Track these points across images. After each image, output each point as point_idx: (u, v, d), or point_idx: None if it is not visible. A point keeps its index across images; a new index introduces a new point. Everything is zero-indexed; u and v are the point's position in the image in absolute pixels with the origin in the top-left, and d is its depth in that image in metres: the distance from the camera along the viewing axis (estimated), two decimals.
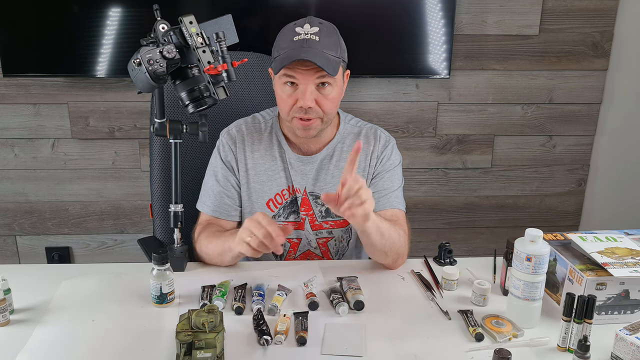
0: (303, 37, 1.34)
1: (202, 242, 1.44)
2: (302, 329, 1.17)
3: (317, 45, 1.34)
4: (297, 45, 1.34)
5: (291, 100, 1.38)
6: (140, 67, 1.23)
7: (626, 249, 1.27)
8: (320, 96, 1.37)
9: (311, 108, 1.36)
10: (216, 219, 1.50)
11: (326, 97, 1.38)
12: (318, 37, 1.35)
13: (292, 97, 1.38)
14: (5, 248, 2.49)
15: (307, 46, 1.33)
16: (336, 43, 1.39)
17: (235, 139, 1.50)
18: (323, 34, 1.36)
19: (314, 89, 1.36)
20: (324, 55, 1.34)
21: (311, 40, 1.34)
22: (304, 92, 1.35)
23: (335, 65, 1.36)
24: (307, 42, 1.34)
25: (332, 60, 1.35)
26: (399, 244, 1.38)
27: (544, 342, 1.15)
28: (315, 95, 1.36)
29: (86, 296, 1.30)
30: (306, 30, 1.36)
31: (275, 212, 1.52)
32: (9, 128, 2.31)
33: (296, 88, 1.37)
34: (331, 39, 1.38)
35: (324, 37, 1.35)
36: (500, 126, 2.44)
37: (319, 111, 1.38)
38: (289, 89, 1.38)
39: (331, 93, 1.38)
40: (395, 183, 1.50)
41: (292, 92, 1.37)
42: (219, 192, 1.50)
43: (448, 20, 2.20)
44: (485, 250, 2.37)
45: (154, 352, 1.12)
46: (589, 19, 2.30)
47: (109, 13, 2.10)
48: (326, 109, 1.38)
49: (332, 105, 1.40)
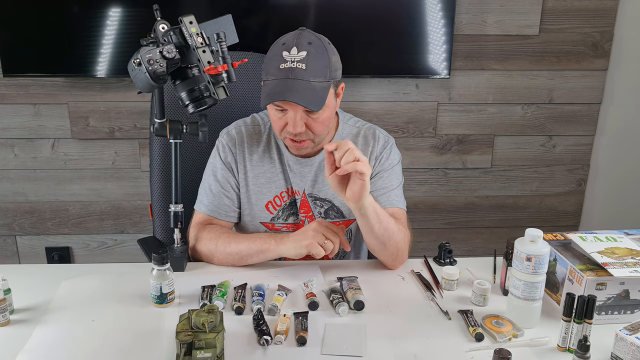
0: (289, 65, 1.31)
1: (220, 243, 1.42)
2: (302, 329, 1.17)
3: (303, 74, 1.30)
4: (283, 76, 1.31)
5: (282, 123, 1.38)
6: (140, 67, 1.23)
7: (626, 249, 1.27)
8: (309, 120, 1.36)
9: (301, 133, 1.36)
10: (213, 219, 1.50)
11: (316, 120, 1.37)
12: (305, 65, 1.31)
13: (282, 120, 1.38)
14: (5, 248, 2.49)
15: (292, 77, 1.30)
16: (325, 65, 1.34)
17: (235, 140, 1.50)
18: (311, 58, 1.32)
19: (302, 114, 1.35)
20: (310, 87, 1.31)
21: (297, 69, 1.30)
22: (293, 120, 1.35)
23: (321, 95, 1.33)
24: (293, 72, 1.31)
25: (319, 89, 1.33)
26: (398, 237, 1.37)
27: (544, 342, 1.15)
28: (305, 119, 1.36)
29: (86, 296, 1.30)
30: (293, 56, 1.31)
31: (275, 214, 1.52)
32: (9, 128, 2.31)
33: (286, 112, 1.36)
34: (319, 62, 1.33)
35: (311, 61, 1.32)
36: (500, 126, 2.44)
37: (310, 134, 1.38)
38: (278, 114, 1.38)
39: (321, 116, 1.37)
40: (394, 182, 1.50)
41: (282, 115, 1.37)
42: (219, 192, 1.50)
43: (448, 20, 2.20)
44: (485, 250, 2.37)
45: (154, 352, 1.12)
46: (589, 19, 2.30)
47: (109, 13, 2.10)
48: (317, 132, 1.39)
49: (322, 127, 1.39)
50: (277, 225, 1.53)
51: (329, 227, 1.35)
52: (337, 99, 1.43)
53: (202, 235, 1.46)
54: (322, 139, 1.43)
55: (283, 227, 1.53)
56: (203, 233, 1.46)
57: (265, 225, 1.53)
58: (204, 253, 1.45)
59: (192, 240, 1.48)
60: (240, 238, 1.43)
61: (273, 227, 1.53)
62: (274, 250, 1.38)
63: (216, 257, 1.44)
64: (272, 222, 1.52)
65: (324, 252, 1.33)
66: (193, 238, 1.48)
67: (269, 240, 1.39)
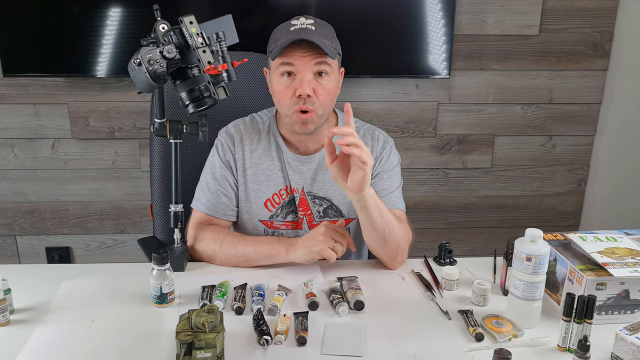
0: (300, 26, 1.37)
1: (225, 244, 1.42)
2: (302, 329, 1.17)
3: (314, 33, 1.36)
4: (295, 33, 1.36)
5: (289, 92, 1.38)
6: (140, 67, 1.23)
7: (626, 249, 1.27)
8: (318, 85, 1.38)
9: (309, 97, 1.37)
10: (212, 218, 1.50)
11: (324, 87, 1.39)
12: (314, 27, 1.37)
13: (290, 87, 1.38)
14: (5, 248, 2.49)
15: (304, 33, 1.35)
16: (332, 35, 1.42)
17: (233, 139, 1.50)
18: (319, 25, 1.39)
19: (311, 77, 1.37)
20: (321, 41, 1.36)
21: (308, 29, 1.37)
22: (302, 80, 1.37)
23: (332, 51, 1.38)
24: (304, 31, 1.36)
25: (329, 47, 1.37)
26: (399, 233, 1.37)
27: (544, 342, 1.15)
28: (313, 84, 1.38)
29: (86, 296, 1.30)
30: (302, 22, 1.39)
31: (273, 212, 1.52)
32: (9, 128, 2.31)
33: (294, 78, 1.38)
34: (327, 31, 1.41)
35: (319, 27, 1.39)
36: (500, 126, 2.44)
37: (316, 101, 1.38)
38: (286, 80, 1.39)
39: (328, 83, 1.40)
40: (394, 183, 1.50)
41: (289, 82, 1.38)
42: (216, 190, 1.50)
43: (448, 20, 2.20)
44: (485, 250, 2.37)
45: (154, 352, 1.12)
46: (589, 19, 2.30)
47: (109, 13, 2.10)
48: (322, 99, 1.39)
49: (329, 96, 1.40)
50: (276, 223, 1.53)
51: (337, 229, 1.36)
52: (340, 80, 1.46)
53: (204, 235, 1.45)
54: (325, 114, 1.43)
55: (282, 225, 1.53)
56: (205, 233, 1.45)
57: (264, 223, 1.53)
58: (205, 253, 1.45)
59: (191, 240, 1.47)
60: (247, 241, 1.43)
61: (272, 225, 1.53)
62: (284, 256, 1.39)
63: (219, 258, 1.43)
64: (271, 220, 1.52)
65: (337, 256, 1.33)
66: (192, 237, 1.47)
67: (277, 245, 1.39)
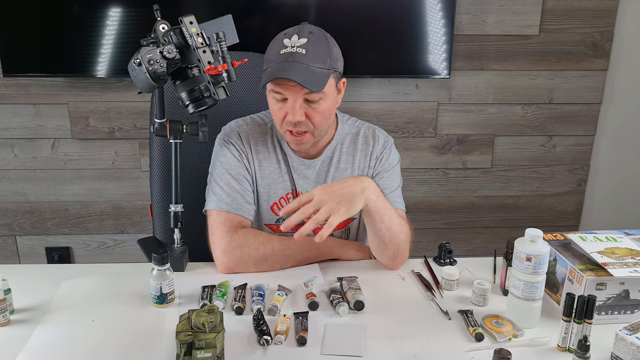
0: (289, 50, 1.31)
1: (277, 246, 1.39)
2: (302, 329, 1.17)
3: (303, 58, 1.30)
4: (283, 60, 1.30)
5: (281, 113, 1.36)
6: (140, 67, 1.23)
7: (626, 249, 1.27)
8: (310, 109, 1.35)
9: (301, 122, 1.35)
10: (242, 219, 1.43)
11: (316, 110, 1.35)
12: (305, 50, 1.30)
13: (282, 110, 1.36)
14: (5, 248, 2.49)
15: (292, 60, 1.29)
16: (326, 54, 1.34)
17: (241, 138, 1.48)
18: (311, 45, 1.31)
19: (302, 102, 1.34)
20: (310, 70, 1.30)
21: (297, 54, 1.30)
22: (293, 107, 1.33)
23: (321, 79, 1.32)
24: (293, 56, 1.30)
25: (318, 73, 1.31)
26: (399, 237, 1.36)
27: (544, 342, 1.15)
28: (305, 108, 1.34)
29: (86, 296, 1.30)
30: (293, 42, 1.31)
31: (280, 215, 1.51)
32: (9, 128, 2.31)
33: (286, 102, 1.35)
34: (320, 49, 1.33)
35: (312, 48, 1.31)
36: (500, 126, 2.44)
37: (309, 125, 1.36)
38: (278, 103, 1.36)
39: (321, 106, 1.36)
40: (394, 183, 1.50)
41: (282, 105, 1.36)
42: (240, 189, 1.44)
43: (448, 20, 2.20)
44: (485, 250, 2.37)
45: (154, 352, 1.12)
46: (589, 19, 2.30)
47: (109, 13, 2.10)
48: (316, 123, 1.37)
49: (322, 118, 1.38)
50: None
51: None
52: (339, 95, 1.43)
53: (247, 240, 1.37)
54: (322, 132, 1.42)
55: None
56: (247, 238, 1.38)
57: (270, 227, 1.52)
58: (254, 259, 1.38)
59: (228, 246, 1.37)
60: (302, 242, 1.33)
61: (278, 228, 1.52)
62: (337, 254, 1.46)
63: (269, 262, 1.39)
64: (277, 223, 1.52)
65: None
66: (228, 243, 1.37)
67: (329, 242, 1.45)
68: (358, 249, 1.50)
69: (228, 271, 1.38)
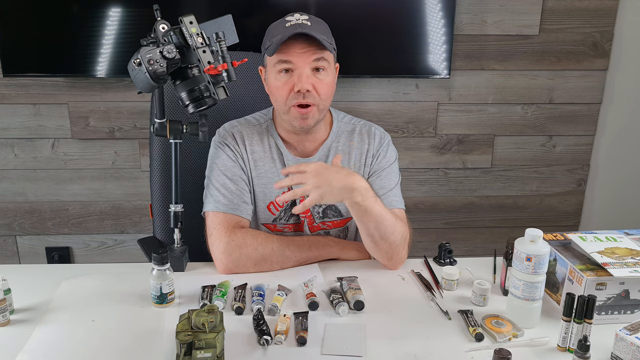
0: (295, 22, 1.36)
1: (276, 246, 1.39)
2: (302, 329, 1.17)
3: (309, 28, 1.35)
4: (291, 29, 1.35)
5: (287, 87, 1.37)
6: (140, 67, 1.23)
7: (626, 249, 1.27)
8: (317, 80, 1.37)
9: (309, 92, 1.36)
10: (239, 219, 1.43)
11: (322, 81, 1.38)
12: (310, 23, 1.37)
13: (288, 84, 1.37)
14: (5, 248, 2.49)
15: (300, 28, 1.34)
16: (327, 30, 1.41)
17: (235, 138, 1.49)
18: (314, 21, 1.38)
19: (310, 73, 1.37)
20: (319, 36, 1.35)
21: (304, 24, 1.36)
22: (301, 76, 1.36)
23: (329, 46, 1.37)
24: (301, 26, 1.35)
25: (326, 41, 1.36)
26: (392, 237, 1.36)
27: (544, 342, 1.15)
28: (312, 79, 1.37)
29: (86, 296, 1.30)
30: (297, 18, 1.38)
31: (277, 214, 1.51)
32: (9, 128, 2.31)
33: (291, 75, 1.37)
34: (322, 26, 1.40)
35: (315, 23, 1.38)
36: (500, 126, 2.44)
37: (316, 96, 1.38)
38: (284, 77, 1.37)
39: (326, 78, 1.39)
40: (392, 181, 1.50)
41: (287, 79, 1.37)
42: (236, 189, 1.44)
43: (448, 20, 2.20)
44: (485, 250, 2.37)
45: (154, 352, 1.12)
46: (589, 19, 2.30)
47: (109, 13, 2.10)
48: (322, 94, 1.38)
49: (328, 91, 1.40)
50: (279, 226, 1.52)
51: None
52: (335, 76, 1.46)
53: (246, 240, 1.37)
54: (325, 107, 1.42)
55: (285, 227, 1.53)
56: (246, 238, 1.38)
57: (267, 226, 1.52)
58: (253, 259, 1.38)
59: (226, 246, 1.37)
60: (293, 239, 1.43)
61: (275, 227, 1.52)
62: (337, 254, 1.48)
63: (269, 262, 1.39)
64: (274, 223, 1.52)
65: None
66: (226, 244, 1.37)
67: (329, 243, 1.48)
68: (358, 249, 1.49)
69: (228, 272, 1.38)
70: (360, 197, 1.28)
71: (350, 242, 1.54)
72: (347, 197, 1.28)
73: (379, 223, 1.33)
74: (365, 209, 1.30)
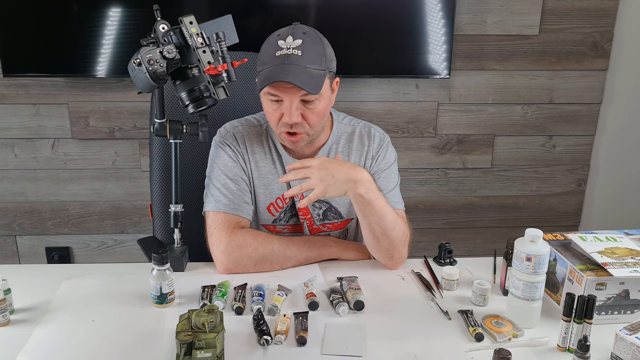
0: (285, 52, 1.30)
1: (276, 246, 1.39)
2: (302, 329, 1.17)
3: (299, 60, 1.29)
4: (279, 62, 1.30)
5: (277, 114, 1.36)
6: (140, 67, 1.23)
7: (626, 249, 1.27)
8: (306, 110, 1.35)
9: (297, 123, 1.35)
10: (240, 219, 1.42)
11: (312, 111, 1.35)
12: (300, 51, 1.30)
13: (277, 111, 1.36)
14: (5, 248, 2.49)
15: (288, 62, 1.29)
16: (321, 54, 1.34)
17: (236, 139, 1.48)
18: (306, 46, 1.31)
19: (299, 103, 1.33)
20: (306, 72, 1.30)
21: (293, 55, 1.29)
22: (289, 109, 1.33)
23: (318, 80, 1.32)
24: (289, 58, 1.29)
25: (315, 75, 1.31)
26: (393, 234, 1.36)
27: (544, 342, 1.15)
28: (301, 109, 1.34)
29: (86, 296, 1.30)
30: (288, 44, 1.31)
31: (277, 216, 1.51)
32: (9, 128, 2.31)
33: (281, 103, 1.35)
34: (315, 50, 1.33)
35: (307, 49, 1.31)
36: (500, 126, 2.44)
37: (305, 125, 1.36)
38: (274, 105, 1.36)
39: (317, 107, 1.35)
40: (391, 182, 1.50)
41: (277, 107, 1.35)
42: (237, 189, 1.44)
43: (448, 20, 2.20)
44: (485, 250, 2.37)
45: (154, 352, 1.12)
46: (589, 19, 2.30)
47: (109, 13, 2.10)
48: (312, 123, 1.37)
49: (318, 118, 1.37)
50: (279, 227, 1.52)
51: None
52: (333, 94, 1.42)
53: (246, 240, 1.37)
54: (317, 132, 1.41)
55: (284, 228, 1.53)
56: (246, 238, 1.38)
57: (267, 227, 1.52)
58: (253, 259, 1.38)
59: (227, 246, 1.37)
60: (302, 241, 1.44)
61: (275, 229, 1.52)
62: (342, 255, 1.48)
63: (269, 262, 1.39)
64: (274, 224, 1.52)
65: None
66: (226, 244, 1.37)
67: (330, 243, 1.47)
68: (358, 249, 1.49)
69: (228, 272, 1.38)
70: (363, 188, 1.28)
71: (351, 242, 1.54)
72: (351, 189, 1.28)
73: (381, 218, 1.33)
74: (369, 201, 1.30)
